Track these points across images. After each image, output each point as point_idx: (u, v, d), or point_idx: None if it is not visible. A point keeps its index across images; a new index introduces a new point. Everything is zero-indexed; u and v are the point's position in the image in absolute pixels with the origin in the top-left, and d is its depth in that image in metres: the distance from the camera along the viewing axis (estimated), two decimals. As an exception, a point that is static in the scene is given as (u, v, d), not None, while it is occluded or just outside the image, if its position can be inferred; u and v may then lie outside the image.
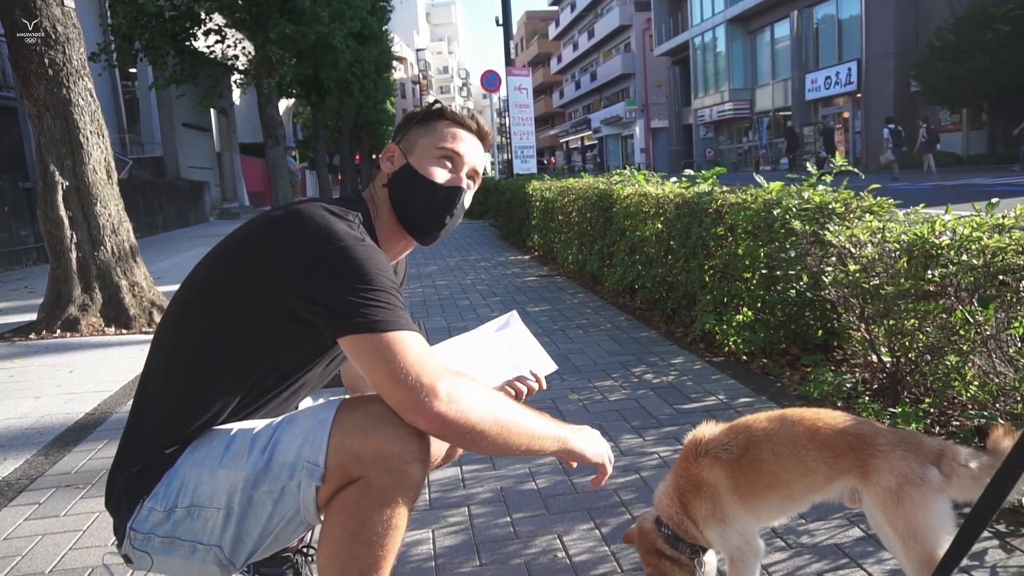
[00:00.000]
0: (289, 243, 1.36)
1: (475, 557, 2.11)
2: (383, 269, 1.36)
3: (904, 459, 1.55)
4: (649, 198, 5.12)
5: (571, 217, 7.27)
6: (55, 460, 3.01)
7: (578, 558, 2.08)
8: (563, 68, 65.34)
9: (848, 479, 1.61)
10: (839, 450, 1.59)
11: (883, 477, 1.54)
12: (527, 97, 13.28)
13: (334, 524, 1.33)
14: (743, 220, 3.74)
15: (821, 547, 2.06)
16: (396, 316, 1.32)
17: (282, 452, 1.34)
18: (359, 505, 1.31)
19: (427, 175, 1.58)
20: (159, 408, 1.42)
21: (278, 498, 1.33)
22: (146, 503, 1.37)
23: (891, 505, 1.53)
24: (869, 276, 2.82)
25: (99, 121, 5.84)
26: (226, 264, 1.43)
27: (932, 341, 2.59)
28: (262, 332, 1.40)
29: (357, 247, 1.35)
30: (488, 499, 2.48)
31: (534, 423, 1.42)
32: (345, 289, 1.31)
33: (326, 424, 1.33)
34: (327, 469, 1.31)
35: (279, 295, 1.35)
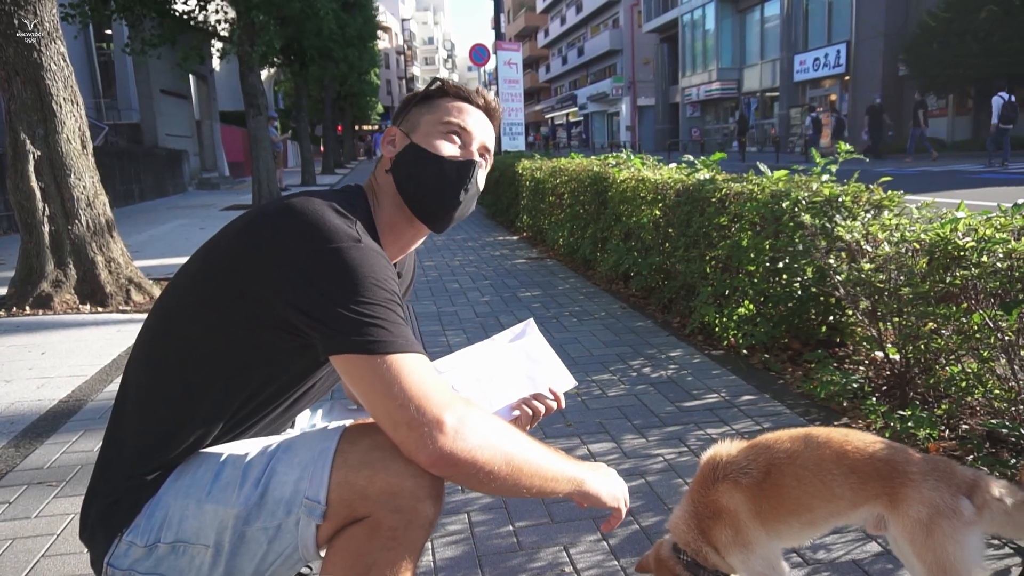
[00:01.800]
0: (277, 243, 1.19)
1: (478, 571, 2.00)
2: (382, 277, 1.19)
3: (936, 489, 1.47)
4: (647, 183, 4.98)
5: (563, 199, 7.12)
6: (26, 453, 2.85)
7: (586, 573, 1.98)
8: (550, 42, 64.55)
9: (875, 506, 1.51)
10: (867, 476, 1.50)
11: (913, 507, 1.46)
12: (517, 72, 12.99)
13: (336, 567, 1.19)
14: (749, 211, 3.62)
15: (838, 563, 1.98)
16: (395, 335, 1.15)
17: (278, 485, 1.19)
18: (366, 547, 1.17)
19: (434, 150, 1.41)
20: (137, 431, 1.26)
21: (273, 536, 1.19)
22: (125, 536, 1.22)
23: (920, 537, 1.45)
24: (886, 275, 2.72)
25: (73, 87, 5.56)
26: (213, 271, 1.25)
27: (950, 345, 2.50)
28: (253, 344, 1.24)
29: (353, 250, 1.18)
30: (488, 505, 2.37)
31: (548, 462, 1.26)
32: (338, 301, 1.14)
33: (327, 456, 1.18)
34: (329, 506, 1.17)
35: (269, 302, 1.19)
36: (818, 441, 1.56)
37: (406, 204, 1.44)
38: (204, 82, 23.00)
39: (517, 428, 1.42)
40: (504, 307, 5.24)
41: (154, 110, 19.10)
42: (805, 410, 3.04)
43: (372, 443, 1.20)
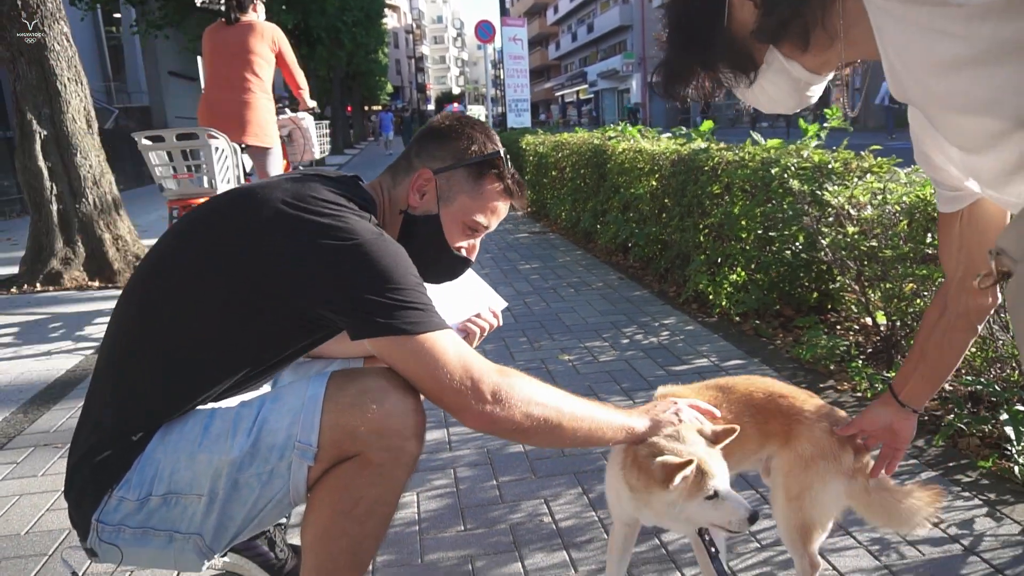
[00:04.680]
0: (301, 245, 1.22)
1: (460, 521, 2.08)
2: (408, 265, 1.27)
3: (826, 433, 1.57)
4: (644, 155, 5.00)
5: (565, 173, 7.14)
6: (34, 418, 2.96)
7: (564, 523, 2.05)
8: (559, 19, 63.89)
9: (772, 445, 1.61)
10: (769, 414, 1.60)
11: (802, 444, 1.57)
12: (522, 49, 12.93)
13: (324, 502, 1.26)
14: (740, 179, 3.65)
15: (810, 514, 2.04)
16: (429, 316, 1.25)
17: (270, 433, 1.25)
18: (354, 482, 1.24)
19: (450, 239, 1.48)
20: (127, 395, 1.30)
21: (266, 481, 1.25)
22: (115, 492, 1.26)
23: (797, 470, 1.57)
24: (867, 238, 2.75)
25: (77, 67, 5.63)
26: (224, 267, 1.26)
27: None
28: (265, 331, 1.29)
29: (377, 241, 1.25)
30: (474, 462, 2.45)
31: (589, 415, 1.35)
32: (370, 290, 1.21)
33: (317, 401, 1.25)
34: (320, 448, 1.23)
35: (294, 303, 1.24)
36: (727, 387, 1.64)
37: None
38: (212, 64, 23.00)
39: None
40: (503, 279, 5.30)
41: (163, 92, 19.18)
42: (792, 373, 3.08)
43: (360, 387, 1.26)
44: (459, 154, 1.46)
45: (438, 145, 1.47)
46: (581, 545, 1.94)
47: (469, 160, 1.45)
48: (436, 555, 1.92)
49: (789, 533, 1.60)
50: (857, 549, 1.87)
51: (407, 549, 1.95)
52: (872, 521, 1.66)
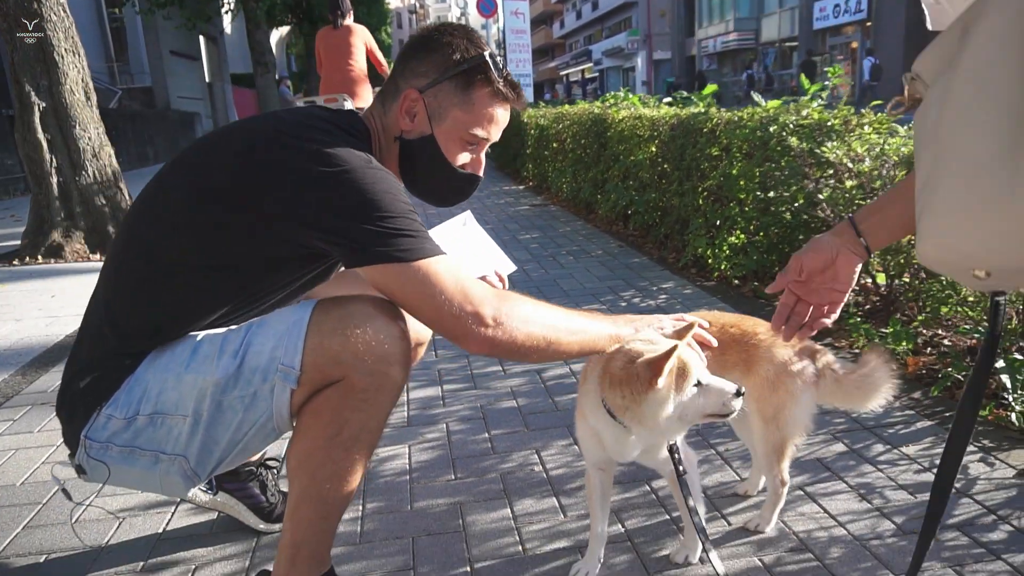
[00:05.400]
0: (292, 171, 1.20)
1: (450, 471, 2.08)
2: (397, 192, 1.25)
3: (783, 350, 1.61)
4: (644, 120, 4.95)
5: (565, 144, 7.08)
6: (32, 380, 2.97)
7: (554, 472, 2.05)
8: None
9: (733, 373, 1.62)
10: (725, 344, 1.61)
11: (763, 367, 1.60)
12: (524, 23, 12.79)
13: (308, 427, 1.26)
14: (738, 138, 3.60)
15: (803, 462, 2.03)
16: (422, 243, 1.23)
17: (255, 355, 1.25)
18: (338, 407, 1.24)
19: (450, 158, 1.42)
20: (122, 319, 1.30)
21: (249, 403, 1.25)
22: (104, 410, 1.28)
23: (766, 393, 1.60)
24: (866, 192, 2.71)
25: (74, 39, 5.59)
26: (214, 194, 1.24)
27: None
28: (260, 259, 1.28)
29: (367, 169, 1.22)
30: (467, 416, 2.45)
31: (584, 328, 1.36)
32: (362, 218, 1.20)
33: (302, 325, 1.24)
34: (303, 371, 1.23)
35: (286, 227, 1.23)
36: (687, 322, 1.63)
37: (402, 180, 1.45)
38: (214, 44, 22.93)
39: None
40: (502, 248, 5.27)
41: (165, 72, 19.13)
42: (789, 332, 3.06)
43: (345, 312, 1.25)
44: (442, 66, 1.37)
45: (420, 60, 1.39)
46: (571, 492, 1.94)
47: (453, 71, 1.37)
48: (426, 502, 1.92)
49: (767, 454, 1.64)
50: (848, 493, 1.86)
51: (397, 496, 1.95)
52: (849, 407, 1.69)
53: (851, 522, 1.74)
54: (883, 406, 1.62)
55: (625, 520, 1.79)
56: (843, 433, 2.19)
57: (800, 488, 1.90)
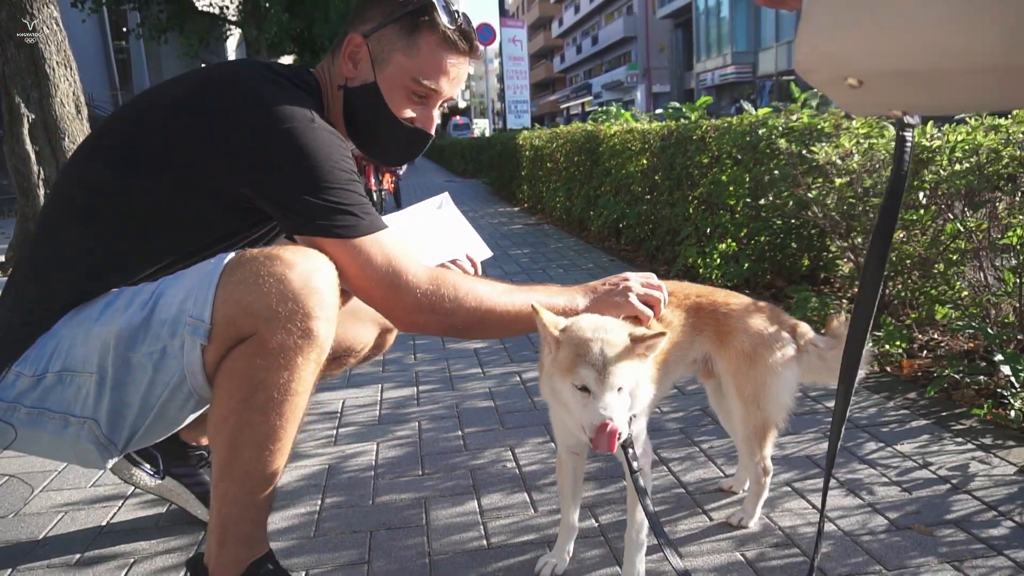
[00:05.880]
0: (231, 120, 1.16)
1: (418, 467, 1.97)
2: (338, 157, 1.18)
3: (761, 321, 1.51)
4: (635, 134, 4.91)
5: (559, 163, 7.06)
6: None
7: (528, 468, 1.93)
8: (564, 32, 64.20)
9: (704, 343, 1.52)
10: (697, 308, 1.51)
11: (738, 338, 1.49)
12: (521, 49, 12.90)
13: (223, 389, 1.15)
14: (728, 143, 3.55)
15: (792, 458, 1.92)
16: (362, 217, 1.19)
17: (164, 307, 1.15)
18: (251, 365, 1.13)
19: (394, 108, 1.32)
20: (48, 274, 1.23)
21: (159, 361, 1.15)
22: (14, 367, 1.19)
23: (743, 367, 1.49)
24: (856, 188, 2.64)
25: (66, 52, 5.59)
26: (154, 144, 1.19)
27: (921, 253, 2.42)
28: (196, 212, 1.22)
29: (308, 130, 1.16)
30: (441, 415, 2.34)
31: (529, 299, 1.27)
32: (302, 187, 1.15)
33: (213, 276, 1.14)
34: (213, 325, 1.12)
35: (224, 180, 1.17)
36: None
37: (348, 134, 1.38)
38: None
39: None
40: (492, 263, 5.19)
41: (167, 99, 19.24)
42: (781, 337, 2.96)
43: (262, 260, 1.14)
44: (388, 10, 1.31)
45: (368, 6, 1.33)
46: (544, 487, 1.82)
47: (398, 13, 1.29)
48: (389, 497, 1.80)
49: (747, 437, 1.53)
50: (837, 489, 1.74)
51: (359, 492, 1.84)
52: (830, 383, 1.58)
53: (840, 518, 1.62)
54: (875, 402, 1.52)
55: (599, 515, 1.67)
56: (834, 431, 2.07)
57: (787, 484, 1.78)
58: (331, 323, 1.17)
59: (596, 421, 1.13)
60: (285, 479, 1.91)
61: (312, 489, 1.86)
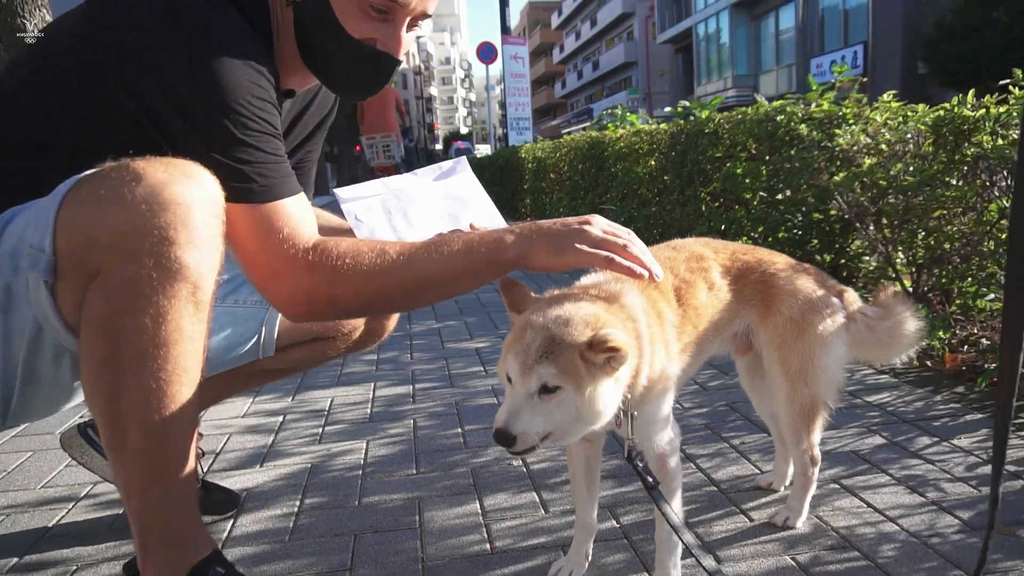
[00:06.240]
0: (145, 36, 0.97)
1: (412, 466, 1.74)
2: (256, 106, 0.99)
3: (809, 283, 1.31)
4: (643, 135, 4.73)
5: (563, 173, 6.88)
6: None
7: (537, 466, 1.71)
8: (565, 58, 64.76)
9: (748, 312, 1.31)
10: (738, 274, 1.29)
11: (785, 303, 1.29)
12: (523, 66, 12.85)
13: (83, 343, 0.91)
14: (743, 133, 3.36)
15: (834, 454, 1.69)
16: (268, 181, 1.01)
17: (7, 238, 0.94)
18: (104, 311, 0.89)
19: (351, 28, 1.10)
20: None
21: (5, 303, 0.92)
22: None
23: (790, 337, 1.28)
24: (887, 168, 2.44)
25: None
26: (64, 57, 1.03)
27: (965, 231, 2.20)
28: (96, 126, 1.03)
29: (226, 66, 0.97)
30: (438, 412, 2.11)
31: (436, 266, 1.03)
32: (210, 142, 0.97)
33: (59, 194, 0.91)
34: (58, 257, 0.89)
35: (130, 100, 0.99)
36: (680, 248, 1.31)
37: (303, 59, 1.16)
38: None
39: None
40: (495, 269, 5.00)
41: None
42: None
43: (107, 176, 0.90)
44: None
45: None
46: (556, 487, 1.59)
47: None
48: (377, 497, 1.58)
49: (793, 420, 1.32)
50: (894, 486, 1.52)
51: (343, 492, 1.61)
52: (874, 359, 1.43)
53: (903, 517, 1.39)
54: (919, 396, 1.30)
55: (620, 516, 1.44)
56: (879, 426, 1.85)
57: (834, 481, 1.55)
58: (203, 248, 0.91)
59: (497, 420, 0.94)
60: (256, 480, 1.69)
61: (290, 489, 1.63)
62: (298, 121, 1.36)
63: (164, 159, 0.93)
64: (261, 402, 2.26)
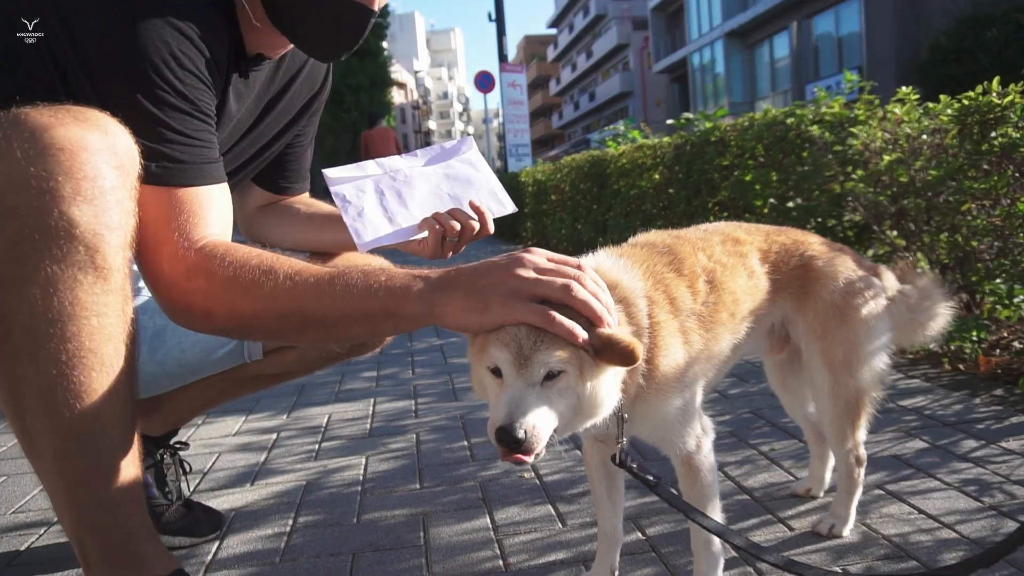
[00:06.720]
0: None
1: (415, 481, 1.60)
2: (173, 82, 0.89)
3: (849, 264, 1.20)
4: (645, 149, 4.66)
5: (564, 193, 6.81)
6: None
7: (551, 478, 1.57)
8: (562, 90, 65.53)
9: (786, 301, 1.19)
10: (774, 259, 1.17)
11: (826, 287, 1.17)
12: (521, 94, 12.88)
13: None
14: (751, 139, 3.27)
15: (873, 459, 1.55)
16: (182, 166, 0.91)
17: None
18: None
19: None
20: None
21: None
22: None
23: (833, 325, 1.17)
24: (908, 162, 2.33)
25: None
26: None
27: (996, 223, 2.09)
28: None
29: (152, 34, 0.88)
30: (443, 426, 1.98)
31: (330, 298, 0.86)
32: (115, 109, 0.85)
33: None
34: None
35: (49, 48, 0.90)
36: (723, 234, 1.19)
37: (271, 17, 1.06)
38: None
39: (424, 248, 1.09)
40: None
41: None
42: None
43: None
44: None
45: None
46: (574, 499, 1.46)
47: None
48: (377, 514, 1.44)
49: (837, 417, 1.20)
50: (946, 491, 1.38)
51: (340, 509, 1.47)
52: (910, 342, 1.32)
53: (961, 523, 1.25)
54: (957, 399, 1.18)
55: (646, 527, 1.31)
56: (919, 430, 1.72)
57: (878, 487, 1.42)
58: (96, 201, 0.78)
59: (494, 421, 0.79)
60: (246, 499, 1.55)
61: (282, 508, 1.50)
62: (280, 98, 1.24)
63: (60, 105, 0.81)
64: (254, 420, 2.12)
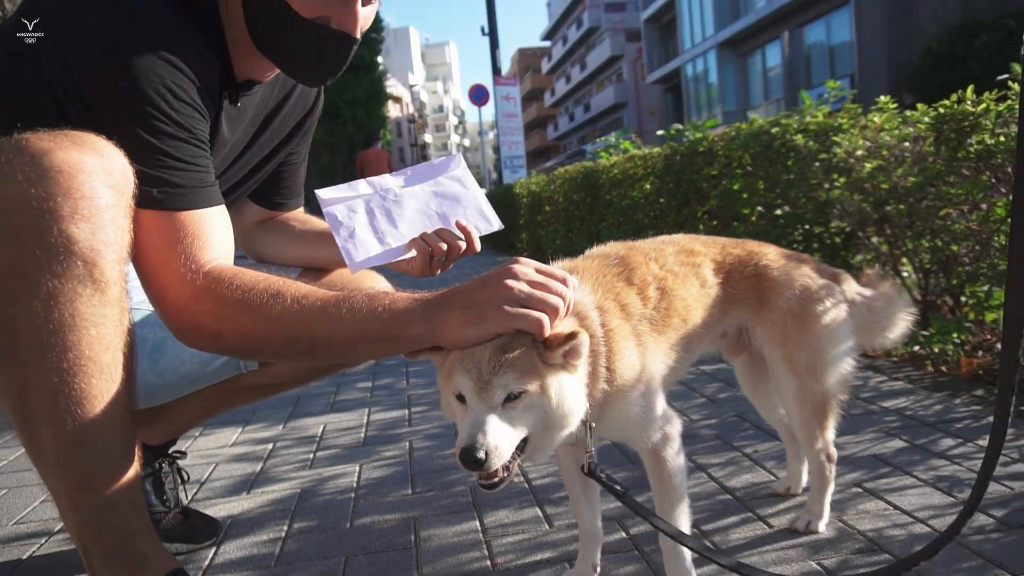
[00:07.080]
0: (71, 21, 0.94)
1: (407, 486, 1.64)
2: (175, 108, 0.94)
3: (806, 272, 1.24)
4: (636, 160, 4.73)
5: (558, 204, 6.88)
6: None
7: (539, 481, 1.61)
8: (556, 101, 65.88)
9: (741, 309, 1.23)
10: (729, 270, 1.21)
11: (783, 295, 1.21)
12: (515, 106, 12.99)
13: None
14: (738, 148, 3.33)
15: (855, 458, 1.60)
16: (181, 190, 0.95)
17: None
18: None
19: (299, 6, 1.02)
20: None
21: None
22: None
23: (793, 331, 1.21)
24: (890, 169, 2.39)
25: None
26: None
27: (973, 228, 2.14)
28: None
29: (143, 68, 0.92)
30: (435, 434, 2.02)
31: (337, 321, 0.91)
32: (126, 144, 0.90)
33: None
34: None
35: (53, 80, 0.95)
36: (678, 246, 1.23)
37: (256, 43, 1.09)
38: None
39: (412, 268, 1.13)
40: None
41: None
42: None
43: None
44: None
45: None
46: (561, 501, 1.49)
47: None
48: (370, 518, 1.48)
49: (805, 420, 1.24)
50: (922, 487, 1.42)
51: (334, 515, 1.51)
52: (872, 343, 1.36)
53: (934, 518, 1.30)
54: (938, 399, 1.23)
55: (630, 527, 1.35)
56: (899, 430, 1.76)
57: (856, 485, 1.46)
58: (93, 220, 0.83)
59: (459, 444, 0.85)
60: (242, 507, 1.59)
61: (277, 515, 1.53)
62: (273, 118, 1.29)
63: (58, 131, 0.86)
64: (250, 431, 2.16)
